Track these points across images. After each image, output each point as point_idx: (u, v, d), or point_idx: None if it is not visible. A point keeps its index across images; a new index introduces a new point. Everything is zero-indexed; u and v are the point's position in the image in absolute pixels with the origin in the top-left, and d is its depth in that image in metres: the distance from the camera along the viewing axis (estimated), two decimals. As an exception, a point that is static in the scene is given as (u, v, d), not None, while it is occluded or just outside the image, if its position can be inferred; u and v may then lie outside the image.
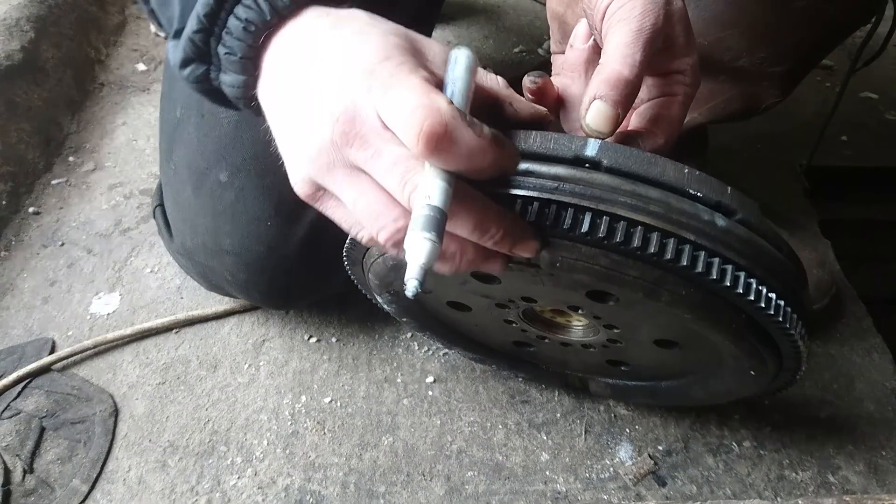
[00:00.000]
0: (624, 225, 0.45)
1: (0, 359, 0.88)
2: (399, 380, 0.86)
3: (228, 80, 0.49)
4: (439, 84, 0.44)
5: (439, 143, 0.39)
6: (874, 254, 1.24)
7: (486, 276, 0.55)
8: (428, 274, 0.39)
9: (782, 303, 0.50)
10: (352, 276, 0.70)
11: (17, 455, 0.78)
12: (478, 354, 0.82)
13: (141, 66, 1.42)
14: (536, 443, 0.80)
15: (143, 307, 0.95)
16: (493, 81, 0.51)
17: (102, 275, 0.99)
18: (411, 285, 0.39)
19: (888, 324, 0.94)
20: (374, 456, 0.78)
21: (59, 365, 0.87)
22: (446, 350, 0.89)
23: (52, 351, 0.89)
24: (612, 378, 0.77)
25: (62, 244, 1.04)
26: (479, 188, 0.44)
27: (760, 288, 0.49)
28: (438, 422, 0.82)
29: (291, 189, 0.76)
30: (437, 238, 0.38)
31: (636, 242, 0.45)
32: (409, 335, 0.91)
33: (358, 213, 0.45)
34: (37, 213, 1.09)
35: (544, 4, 1.56)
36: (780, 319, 0.50)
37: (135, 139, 1.23)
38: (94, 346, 0.88)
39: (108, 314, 0.94)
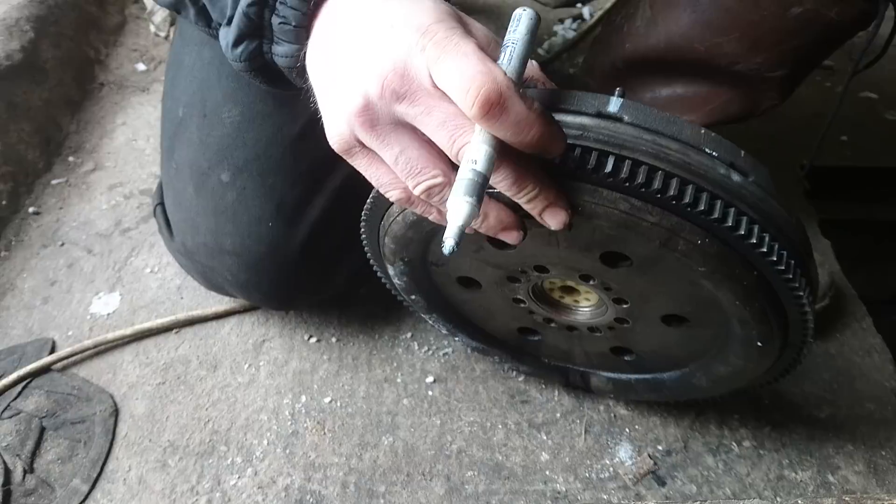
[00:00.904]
0: (645, 169, 0.47)
1: (0, 359, 0.88)
2: (399, 380, 0.86)
3: (282, 50, 0.52)
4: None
5: (493, 109, 0.40)
6: (874, 254, 1.24)
7: (499, 240, 0.57)
8: (464, 234, 0.41)
9: (793, 262, 0.51)
10: (365, 247, 0.70)
11: (18, 455, 0.78)
12: (481, 343, 0.81)
13: (141, 66, 1.42)
14: (536, 443, 0.80)
15: (143, 307, 0.95)
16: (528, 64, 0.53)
17: (102, 275, 0.99)
18: (448, 244, 0.41)
19: (888, 324, 0.94)
20: (374, 456, 0.79)
21: (59, 365, 0.87)
22: (446, 350, 0.89)
23: (53, 351, 0.89)
24: (615, 372, 0.77)
25: (62, 244, 1.04)
26: None
27: (773, 244, 0.50)
28: (438, 422, 0.82)
29: (293, 190, 0.76)
30: (476, 202, 0.41)
31: (657, 185, 0.47)
32: (409, 335, 0.91)
33: (399, 167, 0.46)
34: (37, 213, 1.09)
35: (545, 5, 1.56)
36: (791, 277, 0.51)
37: (135, 139, 1.23)
38: (95, 346, 0.88)
39: (108, 314, 0.94)
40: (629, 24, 0.89)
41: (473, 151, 0.42)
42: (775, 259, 0.50)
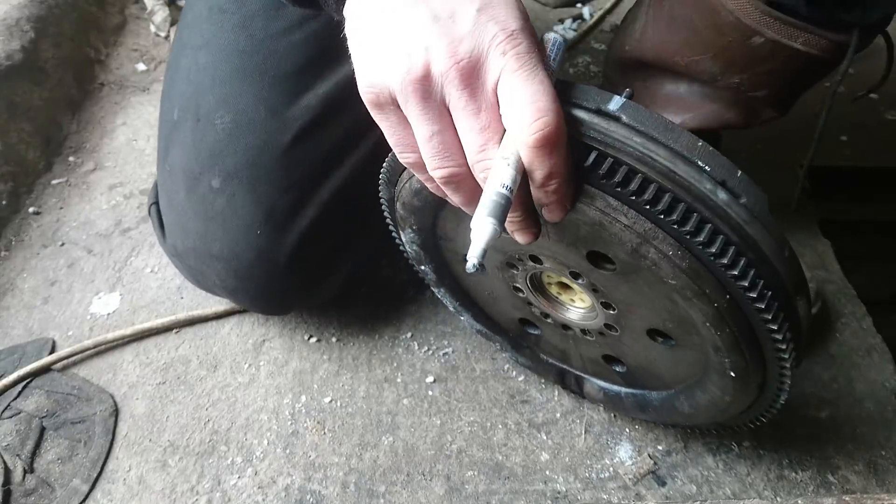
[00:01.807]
0: (625, 169, 0.47)
1: (0, 359, 0.88)
2: (399, 380, 0.86)
3: None
4: None
5: (548, 146, 0.43)
6: (874, 254, 1.24)
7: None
8: (486, 254, 0.43)
9: (769, 293, 0.49)
10: (382, 204, 0.70)
11: (18, 455, 0.78)
12: (485, 327, 0.82)
13: (141, 66, 1.42)
14: (536, 443, 0.80)
15: (143, 307, 0.95)
16: None
17: (102, 275, 0.99)
18: (471, 263, 0.42)
19: (888, 324, 0.94)
20: (374, 456, 0.79)
21: (59, 365, 0.87)
22: (446, 351, 0.89)
23: (53, 351, 0.89)
24: (607, 381, 0.77)
25: (62, 244, 1.04)
26: None
27: (749, 269, 0.48)
28: (438, 422, 0.82)
29: (283, 198, 0.76)
30: (499, 225, 0.43)
31: (633, 186, 0.47)
32: (409, 335, 0.91)
33: (430, 145, 0.47)
34: (37, 213, 1.09)
35: (544, 5, 1.56)
36: (764, 308, 0.49)
37: (135, 139, 1.24)
38: (95, 346, 0.88)
39: (109, 314, 0.94)
40: (631, 27, 0.90)
41: (503, 175, 0.43)
42: (747, 285, 0.48)
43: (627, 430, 0.81)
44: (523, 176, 0.45)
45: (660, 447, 0.79)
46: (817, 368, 0.86)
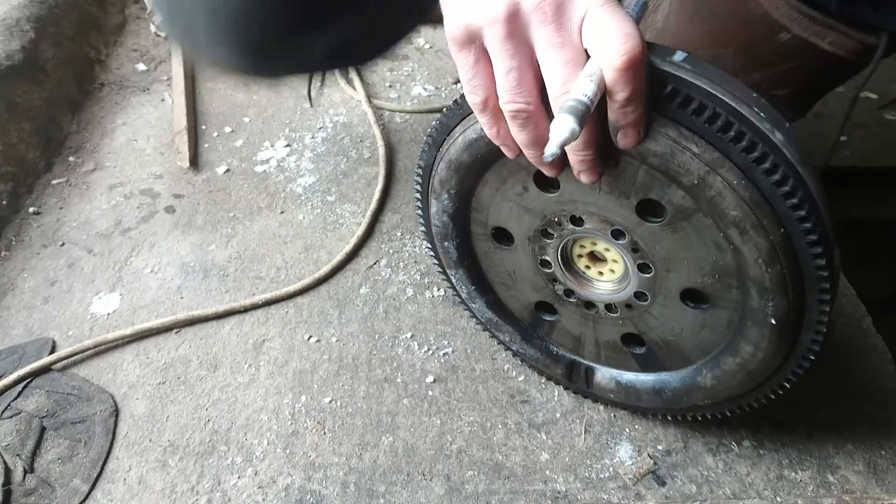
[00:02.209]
0: (698, 100, 0.51)
1: (0, 359, 0.88)
2: (399, 380, 0.86)
3: None
4: None
5: (633, 68, 0.46)
6: (874, 254, 1.24)
7: (547, 180, 0.62)
8: (562, 150, 0.45)
9: (821, 230, 0.53)
10: (417, 173, 0.72)
11: (18, 455, 0.78)
12: (495, 316, 0.81)
13: (141, 66, 1.42)
14: (536, 442, 0.80)
15: (143, 307, 0.95)
16: None
17: (102, 275, 1.00)
18: (549, 152, 0.45)
19: (888, 324, 0.94)
20: (374, 456, 0.79)
21: (59, 365, 0.87)
22: (446, 351, 0.89)
23: (53, 351, 0.89)
24: (621, 368, 0.77)
25: (62, 244, 1.04)
26: None
27: (805, 202, 0.52)
28: (438, 422, 0.82)
29: None
30: (578, 126, 0.45)
31: (706, 115, 0.51)
32: (409, 335, 0.91)
33: (507, 79, 0.49)
34: (37, 213, 1.09)
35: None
36: (816, 241, 0.53)
37: (135, 139, 1.24)
38: (95, 346, 0.88)
39: (109, 314, 0.94)
40: (652, 16, 0.90)
41: (586, 87, 0.46)
42: (804, 215, 0.52)
43: (627, 429, 0.81)
44: (598, 109, 0.49)
45: (660, 447, 0.79)
46: (817, 368, 0.86)
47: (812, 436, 0.80)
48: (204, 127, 1.27)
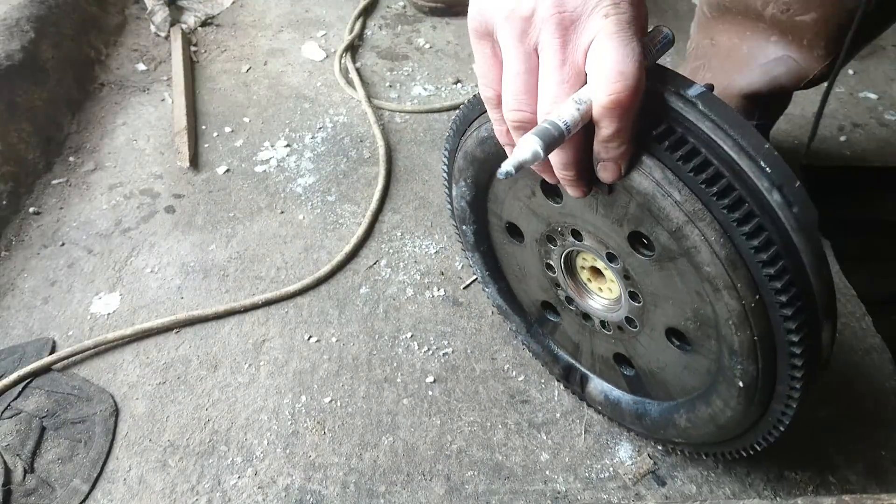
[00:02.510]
0: (691, 144, 0.49)
1: (1, 359, 0.88)
2: (399, 380, 0.86)
3: None
4: None
5: (619, 109, 0.45)
6: (874, 254, 1.24)
7: (552, 189, 0.62)
8: (520, 169, 0.45)
9: (799, 303, 0.49)
10: (444, 155, 0.73)
11: (18, 455, 0.78)
12: (506, 303, 0.83)
13: (141, 66, 1.42)
14: (536, 443, 0.80)
15: (143, 307, 0.95)
16: None
17: (102, 275, 0.99)
18: (504, 169, 0.44)
19: (888, 324, 0.94)
20: (374, 456, 0.79)
21: (59, 365, 0.87)
22: (446, 351, 0.89)
23: (53, 351, 0.89)
24: (611, 384, 0.77)
25: (62, 244, 1.04)
26: None
27: (785, 273, 0.49)
28: (438, 422, 0.82)
29: None
30: (544, 149, 0.44)
31: (693, 163, 0.49)
32: (409, 335, 0.91)
33: (513, 83, 0.49)
34: (37, 213, 1.09)
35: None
36: (791, 315, 0.49)
37: (135, 139, 1.24)
38: (95, 346, 0.88)
39: (109, 314, 0.94)
40: None
41: (567, 113, 0.45)
42: (780, 287, 0.48)
43: (627, 430, 0.81)
44: (586, 133, 0.48)
45: (660, 447, 0.79)
46: (817, 368, 0.86)
47: (812, 436, 0.80)
48: (204, 127, 1.27)
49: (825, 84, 0.84)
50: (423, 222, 1.07)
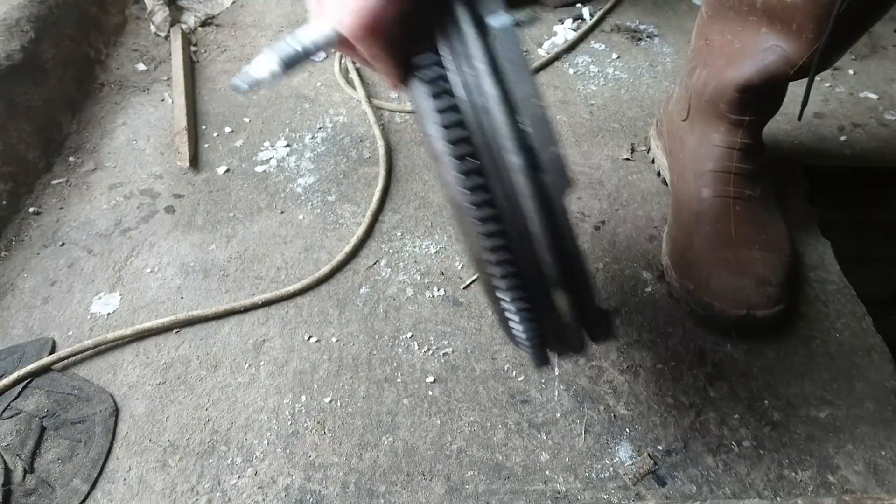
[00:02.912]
0: (440, 86, 0.48)
1: (0, 359, 0.88)
2: (399, 380, 0.86)
3: None
4: None
5: (358, 41, 0.48)
6: (874, 254, 1.24)
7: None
8: (255, 87, 0.48)
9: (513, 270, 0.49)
10: None
11: (18, 455, 0.78)
12: None
13: (141, 66, 1.42)
14: (536, 443, 0.80)
15: (143, 307, 0.95)
16: None
17: (102, 275, 0.99)
18: (235, 82, 0.47)
19: (888, 324, 0.94)
20: (374, 456, 0.79)
21: (59, 365, 0.87)
22: (446, 351, 0.89)
23: (53, 351, 0.89)
24: None
25: (62, 244, 1.04)
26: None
27: (500, 238, 0.48)
28: (438, 422, 0.82)
29: None
30: (283, 67, 0.46)
31: (438, 104, 0.47)
32: (409, 335, 0.91)
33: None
34: (37, 213, 1.09)
35: (545, 5, 1.56)
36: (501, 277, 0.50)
37: (135, 139, 1.24)
38: (95, 346, 0.88)
39: (109, 314, 0.94)
40: None
41: (319, 31, 0.47)
42: (494, 261, 0.49)
43: (627, 430, 0.81)
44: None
45: (660, 447, 0.79)
46: (817, 368, 0.86)
47: (812, 436, 0.80)
48: (204, 127, 1.27)
49: (826, 85, 0.83)
50: (423, 222, 1.07)
